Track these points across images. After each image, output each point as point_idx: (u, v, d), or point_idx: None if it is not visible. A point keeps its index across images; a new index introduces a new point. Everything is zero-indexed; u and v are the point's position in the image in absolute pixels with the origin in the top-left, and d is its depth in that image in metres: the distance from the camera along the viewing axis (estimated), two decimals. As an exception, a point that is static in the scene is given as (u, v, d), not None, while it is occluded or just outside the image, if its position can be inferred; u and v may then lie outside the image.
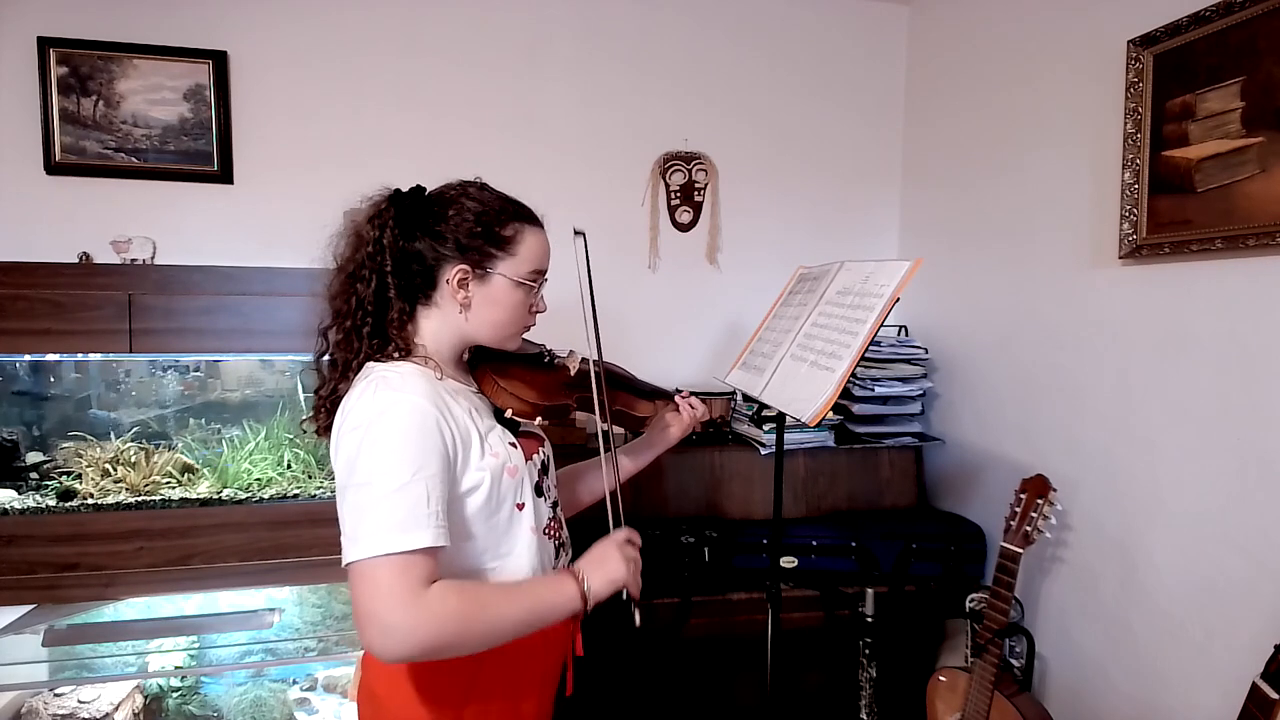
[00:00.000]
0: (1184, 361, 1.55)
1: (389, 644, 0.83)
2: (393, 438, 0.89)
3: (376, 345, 1.01)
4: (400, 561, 0.84)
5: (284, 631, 1.96)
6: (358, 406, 0.92)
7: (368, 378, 0.96)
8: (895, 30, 2.57)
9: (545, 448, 1.15)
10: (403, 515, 0.86)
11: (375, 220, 1.02)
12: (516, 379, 1.07)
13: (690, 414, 1.32)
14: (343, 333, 1.02)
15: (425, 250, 1.01)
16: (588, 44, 2.36)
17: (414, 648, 0.84)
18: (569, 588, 0.97)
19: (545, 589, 0.97)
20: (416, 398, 0.92)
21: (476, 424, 0.99)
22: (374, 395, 0.92)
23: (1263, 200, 1.35)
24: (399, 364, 0.99)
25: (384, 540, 0.85)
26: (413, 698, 1.00)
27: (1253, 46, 1.38)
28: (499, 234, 1.02)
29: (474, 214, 1.01)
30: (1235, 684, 1.30)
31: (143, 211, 2.09)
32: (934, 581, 2.05)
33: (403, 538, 0.85)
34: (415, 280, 1.02)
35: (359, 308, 1.00)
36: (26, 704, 1.86)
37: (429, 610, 0.84)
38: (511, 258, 1.03)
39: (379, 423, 0.90)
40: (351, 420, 0.92)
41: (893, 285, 1.35)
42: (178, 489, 1.91)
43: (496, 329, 1.06)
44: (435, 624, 0.84)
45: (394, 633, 0.83)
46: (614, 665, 1.78)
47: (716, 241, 2.50)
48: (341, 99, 2.21)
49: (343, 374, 1.02)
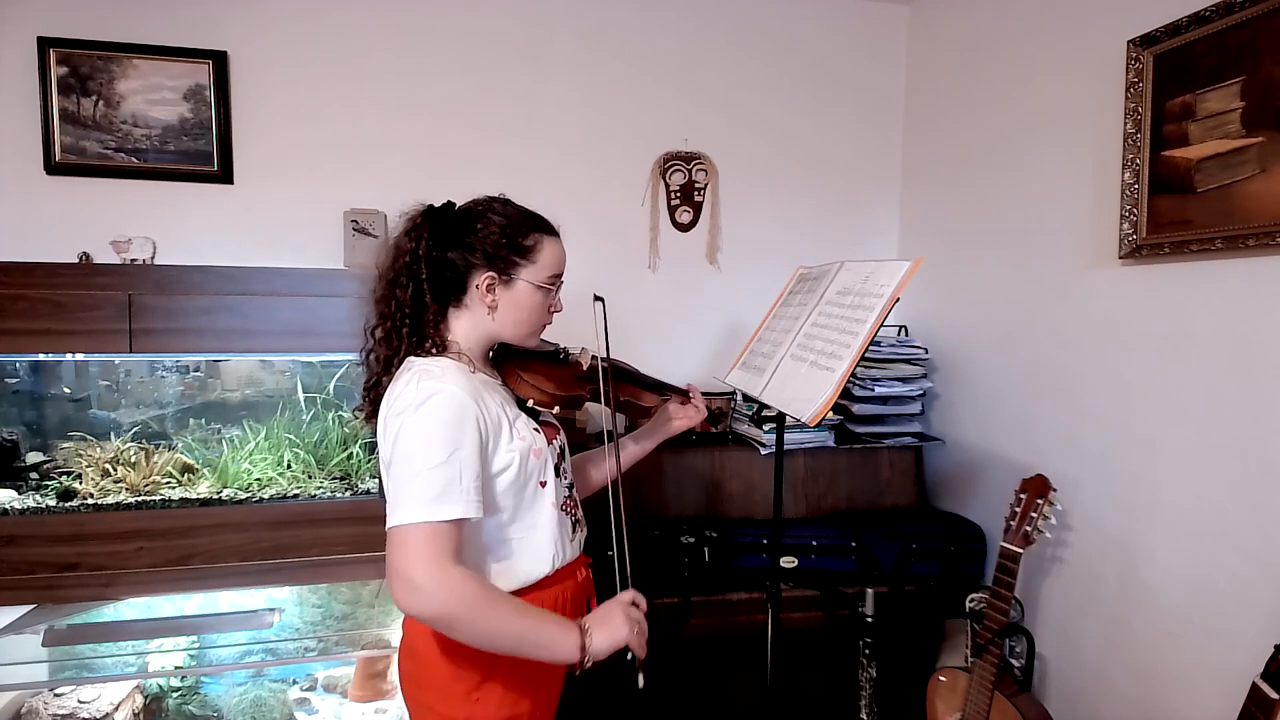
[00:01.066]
0: (1184, 361, 1.55)
1: (413, 599, 0.95)
2: (433, 422, 1.01)
3: (415, 342, 1.13)
4: (431, 530, 0.97)
5: (284, 631, 1.96)
6: (402, 395, 1.04)
7: (410, 370, 1.08)
8: (895, 30, 2.57)
9: (561, 436, 1.27)
10: (437, 490, 0.98)
11: (411, 233, 1.14)
12: (537, 373, 1.21)
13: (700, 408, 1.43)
14: (385, 331, 1.15)
15: (457, 259, 1.14)
16: (588, 44, 2.37)
17: (427, 607, 0.96)
18: (573, 636, 1.05)
19: (553, 624, 1.05)
20: (455, 388, 1.04)
21: (506, 412, 1.12)
22: (417, 385, 1.04)
23: (1263, 200, 1.36)
24: (437, 359, 1.12)
25: (419, 510, 0.97)
26: (450, 652, 1.10)
27: (1252, 46, 1.38)
28: (522, 244, 1.15)
29: (499, 227, 1.14)
30: (1235, 684, 1.30)
31: (143, 211, 2.09)
32: (934, 581, 2.05)
33: (435, 509, 0.97)
34: (448, 285, 1.15)
35: (398, 310, 1.13)
36: (26, 704, 1.86)
37: (450, 580, 0.96)
38: (533, 265, 1.16)
39: (421, 409, 1.01)
40: (397, 406, 1.04)
41: (893, 285, 1.35)
42: (178, 489, 1.91)
43: (520, 328, 1.18)
44: (450, 595, 0.96)
45: (417, 591, 0.95)
46: (614, 665, 1.78)
47: (716, 241, 2.50)
48: (342, 99, 2.21)
49: (385, 368, 1.14)
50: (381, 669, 2.06)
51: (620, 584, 1.17)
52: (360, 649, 1.93)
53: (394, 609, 2.02)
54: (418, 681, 1.16)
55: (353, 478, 2.02)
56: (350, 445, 2.05)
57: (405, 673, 1.20)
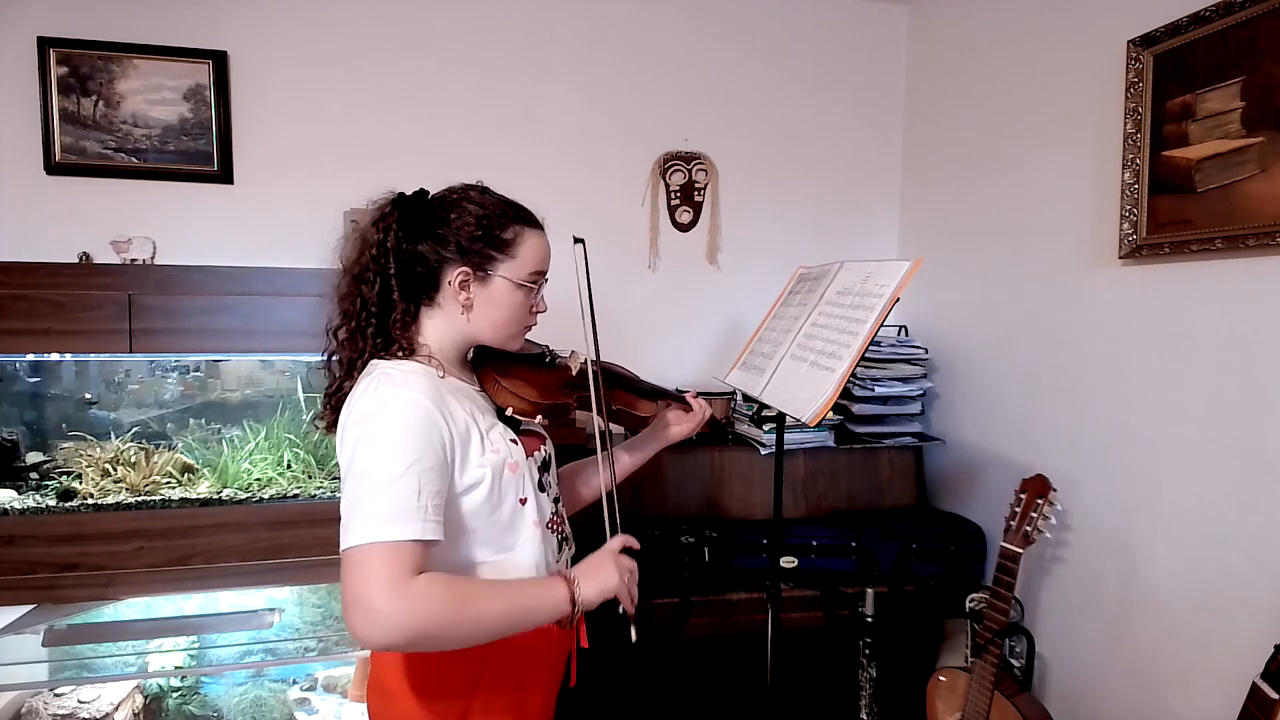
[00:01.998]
0: (1184, 361, 1.55)
1: (373, 629, 0.84)
2: (390, 432, 0.91)
3: (381, 344, 1.03)
4: (388, 549, 0.86)
5: (284, 631, 1.96)
6: (360, 401, 0.95)
7: (371, 374, 0.99)
8: (895, 30, 2.57)
9: (547, 445, 1.17)
10: (393, 507, 0.87)
11: (379, 223, 1.04)
12: (518, 378, 1.10)
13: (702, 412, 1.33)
14: (349, 332, 1.05)
15: (428, 253, 1.03)
16: (588, 44, 2.37)
17: (396, 634, 0.84)
18: (559, 590, 0.98)
19: (535, 589, 0.98)
20: (415, 394, 0.94)
21: (478, 421, 1.01)
22: (375, 391, 0.95)
23: (1263, 200, 1.35)
24: (402, 362, 1.02)
25: (374, 529, 0.86)
26: (421, 690, 1.02)
27: (1252, 46, 1.38)
28: (499, 237, 1.05)
29: (475, 217, 1.04)
30: (1235, 684, 1.30)
31: (143, 211, 2.09)
32: (934, 581, 2.05)
33: (391, 528, 0.87)
34: (418, 282, 1.05)
35: (364, 308, 1.03)
36: (26, 704, 1.86)
37: (413, 598, 0.85)
38: (512, 260, 1.06)
39: (378, 417, 0.92)
40: (354, 415, 0.95)
41: (893, 285, 1.35)
42: (178, 489, 1.91)
43: (498, 329, 1.08)
44: (419, 612, 0.85)
45: (378, 618, 0.83)
46: (614, 666, 1.78)
47: (716, 241, 2.50)
48: (342, 99, 2.21)
49: (348, 372, 1.05)
50: (381, 669, 2.06)
51: (610, 530, 1.11)
52: (360, 649, 1.93)
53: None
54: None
55: (353, 478, 2.02)
56: (350, 445, 2.05)
57: (376, 714, 1.09)
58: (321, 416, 1.10)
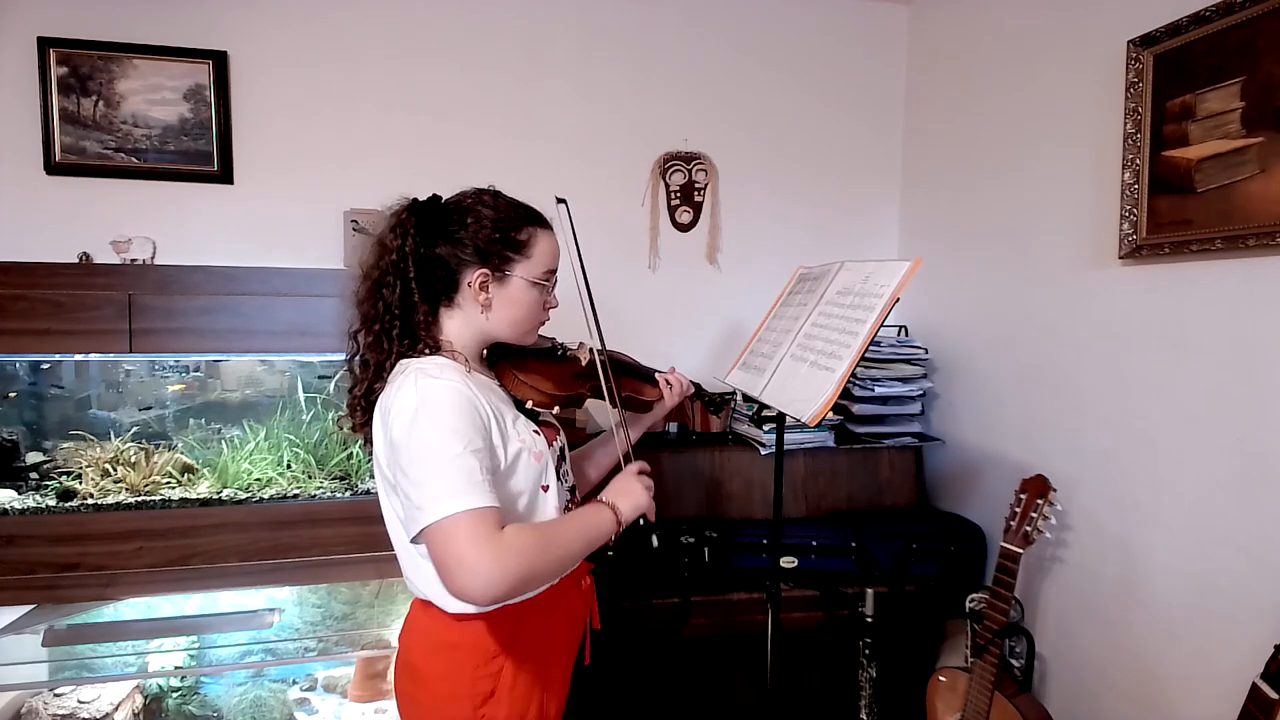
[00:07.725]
0: (1184, 361, 1.55)
1: (479, 584, 0.90)
2: (441, 419, 0.96)
3: (407, 345, 1.08)
4: (472, 515, 0.92)
5: (284, 631, 1.95)
6: (401, 398, 0.99)
7: (404, 373, 1.03)
8: (895, 30, 2.57)
9: (561, 436, 1.23)
10: (465, 480, 0.93)
11: (397, 229, 1.09)
12: (534, 372, 1.17)
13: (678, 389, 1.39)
14: (372, 335, 1.09)
15: (447, 256, 1.08)
16: (588, 44, 2.37)
17: (502, 582, 0.90)
18: (606, 514, 1.09)
19: (590, 516, 1.08)
20: (455, 383, 1.00)
21: (504, 413, 1.08)
22: (415, 385, 0.99)
23: (1263, 200, 1.36)
24: (432, 358, 1.07)
25: (454, 501, 0.92)
26: (450, 667, 1.07)
27: (1253, 46, 1.38)
28: (515, 238, 1.10)
29: (491, 221, 1.09)
30: (1235, 684, 1.30)
31: (143, 211, 2.09)
32: (934, 581, 2.05)
33: (469, 498, 0.93)
34: (438, 284, 1.10)
35: (386, 311, 1.08)
36: (26, 704, 1.86)
37: (510, 547, 0.92)
38: (527, 260, 1.11)
39: (426, 407, 0.97)
40: (397, 409, 0.98)
41: (893, 285, 1.36)
42: (178, 489, 1.91)
43: (516, 326, 1.14)
44: (518, 558, 0.92)
45: (482, 573, 0.89)
46: (614, 666, 1.78)
47: (716, 241, 2.50)
48: (341, 99, 2.21)
49: (376, 374, 1.09)
50: (381, 669, 2.06)
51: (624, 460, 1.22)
52: (360, 649, 1.93)
53: (394, 609, 2.02)
54: (419, 703, 1.10)
55: (353, 478, 2.01)
56: (350, 445, 2.05)
57: (404, 694, 1.13)
58: (348, 416, 1.15)
